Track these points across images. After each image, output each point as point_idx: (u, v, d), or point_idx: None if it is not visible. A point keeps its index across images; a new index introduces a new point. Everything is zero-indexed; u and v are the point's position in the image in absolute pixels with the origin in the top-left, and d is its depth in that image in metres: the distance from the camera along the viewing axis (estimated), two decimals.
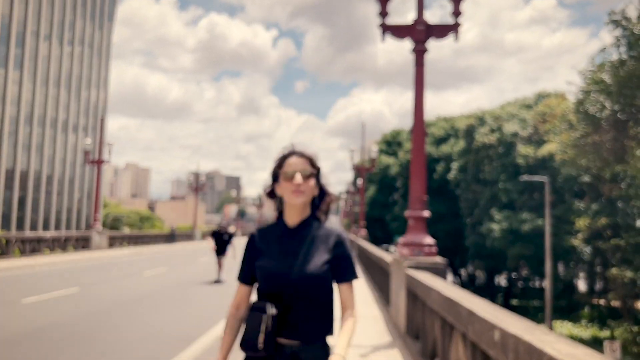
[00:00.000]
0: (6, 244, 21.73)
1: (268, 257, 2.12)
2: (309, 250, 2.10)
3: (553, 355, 2.20)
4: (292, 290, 2.04)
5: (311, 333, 2.05)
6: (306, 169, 2.12)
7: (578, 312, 38.25)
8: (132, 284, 14.60)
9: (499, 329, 2.93)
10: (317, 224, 2.19)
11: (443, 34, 8.58)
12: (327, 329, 2.11)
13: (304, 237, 2.13)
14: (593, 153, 24.73)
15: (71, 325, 8.35)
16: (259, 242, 2.18)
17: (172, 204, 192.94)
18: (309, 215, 2.18)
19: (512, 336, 2.69)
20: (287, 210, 2.17)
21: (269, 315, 1.97)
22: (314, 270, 2.06)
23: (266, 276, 2.08)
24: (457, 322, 4.01)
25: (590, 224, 32.74)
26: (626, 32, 21.14)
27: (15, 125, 52.67)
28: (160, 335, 7.76)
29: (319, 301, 2.08)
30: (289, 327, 2.03)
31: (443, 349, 4.76)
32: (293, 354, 2.02)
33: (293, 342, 2.03)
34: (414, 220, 8.04)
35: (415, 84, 8.44)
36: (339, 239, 2.16)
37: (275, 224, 2.21)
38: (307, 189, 2.11)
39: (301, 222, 2.15)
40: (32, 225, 55.11)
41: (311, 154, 2.18)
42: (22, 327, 8.07)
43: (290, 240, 2.13)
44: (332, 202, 2.24)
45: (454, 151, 45.83)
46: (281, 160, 2.17)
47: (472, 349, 3.61)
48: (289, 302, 2.03)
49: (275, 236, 2.17)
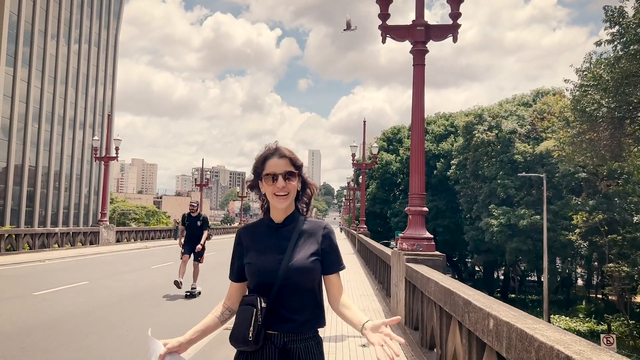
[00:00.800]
0: (16, 239, 22.43)
1: (256, 254, 2.13)
2: (296, 245, 2.11)
3: (543, 341, 2.34)
4: (281, 284, 2.05)
5: (302, 325, 2.07)
6: (288, 170, 2.12)
7: (575, 306, 38.82)
8: (141, 278, 15.21)
9: (493, 317, 3.10)
10: (302, 218, 2.20)
11: (442, 35, 8.74)
12: (318, 320, 2.13)
13: (291, 232, 2.14)
14: (590, 150, 25.04)
15: (82, 316, 8.89)
16: (246, 239, 2.20)
17: (177, 200, 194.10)
18: (294, 209, 2.21)
19: (506, 324, 2.86)
20: (273, 209, 2.20)
21: (259, 309, 2.00)
22: (303, 264, 2.07)
23: (255, 272, 2.10)
24: (454, 312, 4.25)
25: (587, 220, 33.25)
26: (622, 29, 21.35)
27: (24, 123, 53.47)
28: (169, 327, 8.29)
29: (309, 294, 2.10)
30: (279, 319, 2.05)
31: (441, 338, 5.12)
32: (284, 345, 2.04)
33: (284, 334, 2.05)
34: (413, 215, 8.44)
35: (414, 83, 8.68)
36: (326, 231, 2.18)
37: (261, 221, 2.24)
38: (291, 190, 2.13)
39: (286, 218, 2.18)
40: (41, 220, 55.98)
41: (291, 153, 2.16)
42: (34, 318, 8.56)
43: (277, 236, 2.15)
44: (314, 193, 2.26)
45: (454, 148, 46.34)
46: (262, 161, 2.16)
47: (469, 336, 3.82)
48: (278, 296, 2.05)
49: (262, 233, 2.18)
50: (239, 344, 2.04)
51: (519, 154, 37.81)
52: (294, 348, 2.05)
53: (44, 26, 56.18)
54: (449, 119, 52.12)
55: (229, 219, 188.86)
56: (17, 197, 52.79)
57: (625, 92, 21.04)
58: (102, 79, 68.41)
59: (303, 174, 2.21)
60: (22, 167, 53.30)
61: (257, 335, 2.00)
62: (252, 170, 2.21)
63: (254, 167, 2.19)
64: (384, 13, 8.97)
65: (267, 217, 2.23)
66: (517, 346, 2.69)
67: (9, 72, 50.76)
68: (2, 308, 9.43)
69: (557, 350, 2.19)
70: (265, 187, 2.14)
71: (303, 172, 2.21)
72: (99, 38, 67.45)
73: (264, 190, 2.16)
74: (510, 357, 2.82)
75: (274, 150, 2.17)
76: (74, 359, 6.18)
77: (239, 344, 2.04)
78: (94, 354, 6.45)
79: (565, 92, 35.14)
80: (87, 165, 65.21)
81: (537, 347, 2.41)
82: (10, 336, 7.24)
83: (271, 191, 2.12)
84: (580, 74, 23.34)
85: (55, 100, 58.62)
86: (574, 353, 2.10)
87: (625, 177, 33.33)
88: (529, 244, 36.25)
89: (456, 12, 8.87)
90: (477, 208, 40.85)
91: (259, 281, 2.09)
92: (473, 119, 42.21)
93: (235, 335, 2.03)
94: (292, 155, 2.17)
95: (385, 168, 53.34)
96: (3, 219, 50.01)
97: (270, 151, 2.17)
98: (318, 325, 2.14)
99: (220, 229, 63.40)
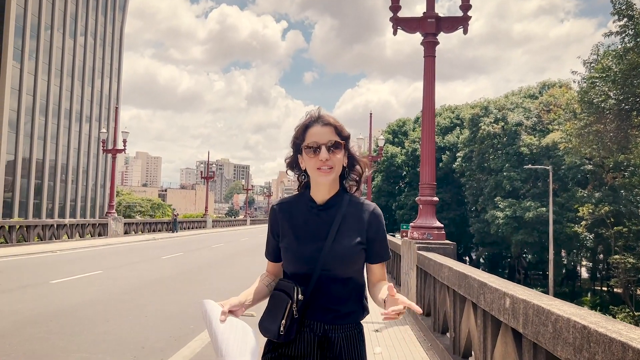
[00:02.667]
0: (27, 230, 22.76)
1: (294, 238, 1.90)
2: (340, 231, 1.86)
3: (560, 314, 2.47)
4: (322, 273, 1.84)
5: (344, 316, 1.88)
6: (333, 140, 1.85)
7: (581, 298, 38.92)
8: (153, 267, 15.48)
9: (510, 296, 3.23)
10: (348, 197, 1.93)
11: (453, 27, 8.84)
12: (362, 311, 1.94)
13: (334, 215, 1.88)
14: (596, 142, 25.08)
15: (100, 303, 9.15)
16: (282, 219, 1.95)
17: (182, 193, 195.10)
18: (339, 189, 1.94)
19: (522, 301, 2.99)
20: (314, 186, 1.92)
21: (295, 300, 1.80)
22: (346, 253, 1.85)
23: (293, 259, 1.88)
24: (469, 294, 4.40)
25: (593, 212, 33.32)
26: (631, 21, 21.38)
27: (31, 116, 53.85)
28: (184, 313, 8.48)
29: (351, 283, 1.89)
30: (319, 309, 1.86)
31: (454, 321, 5.30)
32: (324, 333, 1.85)
33: (324, 323, 1.87)
34: (423, 205, 8.61)
35: (425, 74, 8.81)
36: (374, 215, 1.92)
37: (300, 199, 1.97)
38: (336, 164, 1.85)
39: (330, 198, 1.91)
40: (48, 213, 56.49)
41: (337, 121, 1.90)
42: (55, 305, 8.83)
43: (318, 220, 1.90)
44: (364, 171, 1.98)
45: (459, 140, 46.37)
46: (303, 130, 1.89)
47: (484, 316, 4.00)
48: (318, 285, 1.85)
49: (301, 213, 1.93)
50: (269, 335, 1.84)
51: (525, 146, 37.83)
52: (335, 337, 1.85)
53: (50, 19, 56.39)
54: (454, 112, 52.11)
55: (233, 211, 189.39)
56: (25, 189, 53.25)
57: (633, 83, 21.07)
58: (107, 72, 68.72)
59: (350, 147, 1.93)
60: (29, 160, 53.73)
61: (289, 328, 1.80)
62: (291, 142, 1.93)
63: (293, 139, 1.92)
64: (395, 5, 9.09)
65: (307, 194, 1.94)
66: (534, 321, 2.85)
67: (16, 65, 51.05)
68: (23, 295, 9.71)
69: (573, 321, 2.34)
70: (306, 160, 1.86)
71: (351, 145, 1.93)
72: (105, 31, 67.66)
73: (304, 165, 1.89)
74: (527, 332, 2.99)
75: (316, 117, 1.90)
76: (99, 341, 6.39)
77: (269, 335, 1.84)
78: (117, 337, 6.67)
79: (572, 84, 35.13)
80: (94, 159, 65.69)
81: (554, 320, 2.56)
82: (36, 320, 7.48)
83: (313, 165, 1.84)
84: (587, 66, 23.36)
85: (61, 93, 58.96)
86: (590, 323, 2.25)
87: (632, 169, 33.34)
88: (535, 237, 36.36)
89: (467, 4, 9.03)
90: (482, 200, 40.94)
91: (296, 269, 1.88)
92: (479, 112, 42.22)
93: (266, 325, 1.84)
94: (338, 123, 1.89)
95: (390, 161, 53.45)
96: (11, 212, 50.51)
97: (312, 118, 1.90)
98: (361, 317, 1.94)
99: (225, 222, 63.79)
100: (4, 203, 50.12)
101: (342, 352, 1.85)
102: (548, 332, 2.65)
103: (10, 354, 5.71)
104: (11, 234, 21.48)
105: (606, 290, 39.18)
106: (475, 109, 43.16)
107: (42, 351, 5.86)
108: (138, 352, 6.00)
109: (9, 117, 50.56)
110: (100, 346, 6.16)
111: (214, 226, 52.48)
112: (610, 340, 2.03)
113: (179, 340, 6.61)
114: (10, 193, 51.13)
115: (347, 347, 1.86)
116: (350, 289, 1.89)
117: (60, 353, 5.82)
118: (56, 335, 6.65)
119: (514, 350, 3.37)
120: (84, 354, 5.82)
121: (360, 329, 1.94)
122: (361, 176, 1.97)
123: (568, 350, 2.41)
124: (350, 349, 1.87)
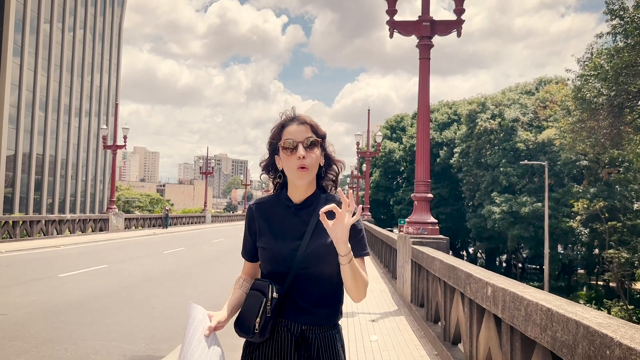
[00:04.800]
0: (30, 225, 23.11)
1: (272, 237, 1.90)
2: (316, 230, 1.86)
3: (530, 299, 2.85)
4: (298, 272, 1.85)
5: (320, 318, 1.87)
6: (309, 138, 1.85)
7: (576, 292, 39.40)
8: (156, 262, 15.87)
9: (491, 285, 3.65)
10: (324, 196, 1.94)
11: (447, 31, 9.25)
12: (335, 312, 1.93)
13: (311, 215, 1.89)
14: (590, 138, 25.45)
15: (108, 296, 9.52)
16: (259, 218, 1.96)
17: (180, 188, 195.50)
18: (316, 189, 1.95)
19: (501, 289, 3.40)
20: (291, 186, 1.93)
21: (270, 299, 1.80)
22: (323, 252, 1.84)
23: (270, 258, 1.89)
24: (457, 284, 4.87)
25: (588, 207, 33.75)
26: (623, 21, 21.76)
27: (31, 111, 54.11)
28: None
29: (328, 283, 1.88)
30: (295, 309, 1.86)
31: (445, 310, 5.75)
32: (301, 333, 1.86)
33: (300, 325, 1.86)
34: (418, 201, 9.03)
35: (420, 76, 9.21)
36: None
37: (277, 198, 1.98)
38: (312, 162, 1.85)
39: (307, 198, 1.92)
40: (48, 208, 56.84)
41: (312, 120, 1.91)
42: (65, 297, 9.19)
43: (295, 219, 1.91)
44: (340, 170, 2.00)
45: (457, 136, 46.77)
46: (279, 129, 1.90)
47: (470, 304, 4.47)
48: (294, 285, 1.85)
49: (278, 212, 1.95)
50: (243, 334, 1.85)
51: (522, 142, 38.23)
52: (312, 337, 1.86)
53: (49, 15, 56.52)
54: (452, 107, 52.47)
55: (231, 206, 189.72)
56: (26, 185, 53.56)
57: (624, 81, 21.42)
58: (106, 67, 68.95)
59: (327, 147, 1.94)
60: (29, 156, 54.02)
61: (263, 327, 1.81)
62: (267, 144, 1.95)
63: (270, 140, 1.93)
64: (391, 9, 9.45)
65: (284, 194, 1.96)
66: (510, 306, 3.27)
67: (16, 61, 51.23)
68: (34, 288, 10.08)
69: (541, 305, 2.75)
70: (283, 159, 1.87)
71: (327, 145, 1.94)
72: (103, 26, 67.82)
73: (282, 165, 1.90)
74: (505, 316, 3.40)
75: (292, 116, 1.91)
76: (112, 330, 6.79)
77: (243, 334, 1.85)
78: (128, 327, 7.07)
79: (567, 81, 35.48)
80: (93, 154, 65.99)
81: (525, 305, 2.97)
82: (50, 311, 7.88)
83: (290, 164, 1.84)
84: (581, 64, 23.74)
85: (61, 88, 59.17)
86: (553, 306, 2.65)
87: (626, 164, 33.78)
88: (531, 231, 36.78)
89: (460, 9, 9.41)
90: (479, 195, 41.37)
91: (273, 268, 1.89)
92: (476, 107, 42.58)
93: (240, 324, 1.85)
94: (314, 122, 1.91)
95: (388, 156, 53.82)
96: (12, 207, 50.84)
97: (288, 118, 1.91)
98: (337, 319, 1.95)
99: (224, 217, 64.19)
100: (4, 198, 50.43)
101: (319, 353, 1.85)
102: (521, 316, 3.05)
103: (31, 341, 6.11)
104: (15, 229, 21.84)
105: (602, 285, 39.68)
106: (473, 105, 43.52)
107: (60, 339, 6.26)
108: (149, 340, 6.40)
109: (10, 112, 50.80)
110: (113, 335, 6.56)
111: (213, 221, 52.87)
112: (567, 320, 2.42)
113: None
114: (10, 188, 51.44)
115: (324, 347, 1.86)
116: (325, 290, 1.89)
117: (78, 340, 6.22)
118: (71, 325, 7.05)
119: (495, 334, 3.77)
120: (99, 341, 6.22)
121: (338, 330, 1.94)
122: (337, 175, 1.99)
123: (536, 330, 2.80)
124: (328, 349, 1.87)
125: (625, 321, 2.32)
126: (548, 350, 2.69)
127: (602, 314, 2.45)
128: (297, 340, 1.85)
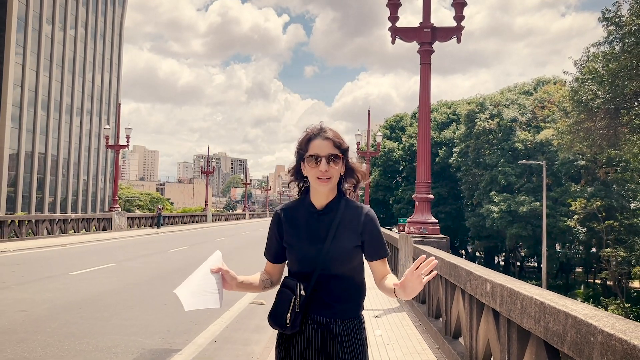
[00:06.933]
0: (35, 225, 23.41)
1: (297, 239, 2.11)
2: (336, 233, 2.07)
3: (526, 294, 3.12)
4: (322, 272, 2.06)
5: (342, 312, 2.08)
6: (332, 153, 2.05)
7: (574, 290, 39.72)
8: (163, 260, 16.17)
9: (490, 281, 3.94)
10: (344, 202, 2.14)
11: (447, 37, 9.56)
12: (357, 306, 2.14)
13: (332, 219, 2.09)
14: (587, 139, 25.77)
15: (120, 293, 9.83)
16: (285, 222, 2.16)
17: (180, 187, 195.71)
18: (336, 195, 2.15)
19: (499, 285, 3.69)
20: (314, 192, 2.13)
21: (298, 296, 2.02)
22: (342, 253, 2.06)
23: (297, 259, 2.10)
24: (458, 282, 5.17)
25: (585, 206, 34.10)
26: (618, 28, 22.16)
27: (33, 110, 54.32)
28: None
29: (350, 281, 2.10)
30: (320, 305, 2.07)
31: (446, 306, 6.05)
32: (326, 325, 2.07)
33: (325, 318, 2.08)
34: (420, 202, 9.32)
35: (421, 81, 9.53)
36: (367, 218, 2.13)
37: (301, 204, 2.18)
38: (334, 174, 2.06)
39: (329, 203, 2.12)
40: (50, 207, 57.06)
41: (336, 135, 2.10)
42: (79, 294, 9.50)
43: (318, 223, 2.11)
44: (361, 181, 2.20)
45: (456, 136, 47.09)
46: (306, 142, 2.10)
47: (470, 300, 4.78)
48: (318, 283, 2.06)
49: (302, 217, 2.14)
50: (277, 327, 2.08)
51: (520, 142, 38.56)
52: (335, 328, 2.07)
53: (51, 14, 56.73)
54: (451, 107, 52.81)
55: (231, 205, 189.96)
56: (28, 184, 53.77)
57: (620, 84, 21.76)
58: (107, 66, 69.15)
59: (349, 158, 2.14)
60: (32, 155, 54.25)
61: (294, 321, 2.03)
62: (295, 152, 2.15)
63: (297, 150, 2.13)
64: (393, 16, 9.74)
65: (307, 200, 2.16)
66: (507, 301, 3.59)
67: (18, 60, 51.45)
68: (48, 285, 10.39)
69: (535, 299, 3.07)
70: (308, 169, 2.08)
71: (349, 157, 2.14)
72: (105, 25, 68.01)
73: (306, 173, 2.10)
74: (502, 310, 3.73)
75: (318, 130, 2.10)
76: (128, 325, 7.12)
77: (277, 327, 2.08)
78: (143, 321, 7.40)
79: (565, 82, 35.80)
80: (94, 153, 66.22)
81: (521, 299, 3.29)
82: (67, 307, 8.20)
83: (313, 174, 2.06)
84: (578, 66, 24.08)
85: (62, 87, 59.39)
86: (546, 300, 2.97)
87: (623, 164, 34.10)
88: (529, 230, 37.10)
89: (460, 15, 9.73)
90: (478, 195, 41.71)
91: (299, 268, 2.10)
92: (475, 107, 42.88)
93: (274, 318, 2.07)
94: (338, 137, 2.10)
95: (387, 155, 54.11)
96: (14, 206, 51.07)
97: (314, 132, 2.11)
98: (359, 312, 2.16)
99: (225, 216, 64.44)
100: (7, 197, 50.67)
101: (342, 342, 2.06)
102: (517, 309, 3.37)
103: (53, 336, 6.43)
104: (21, 229, 22.14)
105: (599, 283, 40.03)
106: (471, 105, 43.83)
107: (80, 333, 6.58)
108: (165, 334, 6.73)
109: (12, 112, 51.00)
110: (130, 329, 6.89)
111: (213, 220, 53.13)
112: (558, 312, 2.75)
113: (200, 324, 7.35)
114: (13, 187, 51.67)
115: (347, 337, 2.07)
116: (347, 287, 2.09)
117: (97, 335, 6.55)
118: (89, 320, 7.38)
119: (494, 327, 4.11)
120: (117, 335, 6.55)
121: (360, 320, 2.15)
122: (358, 182, 2.20)
123: (530, 322, 3.13)
124: (351, 338, 2.08)
125: (609, 312, 2.65)
126: (541, 339, 2.99)
127: (589, 307, 2.78)
128: (323, 331, 2.07)
